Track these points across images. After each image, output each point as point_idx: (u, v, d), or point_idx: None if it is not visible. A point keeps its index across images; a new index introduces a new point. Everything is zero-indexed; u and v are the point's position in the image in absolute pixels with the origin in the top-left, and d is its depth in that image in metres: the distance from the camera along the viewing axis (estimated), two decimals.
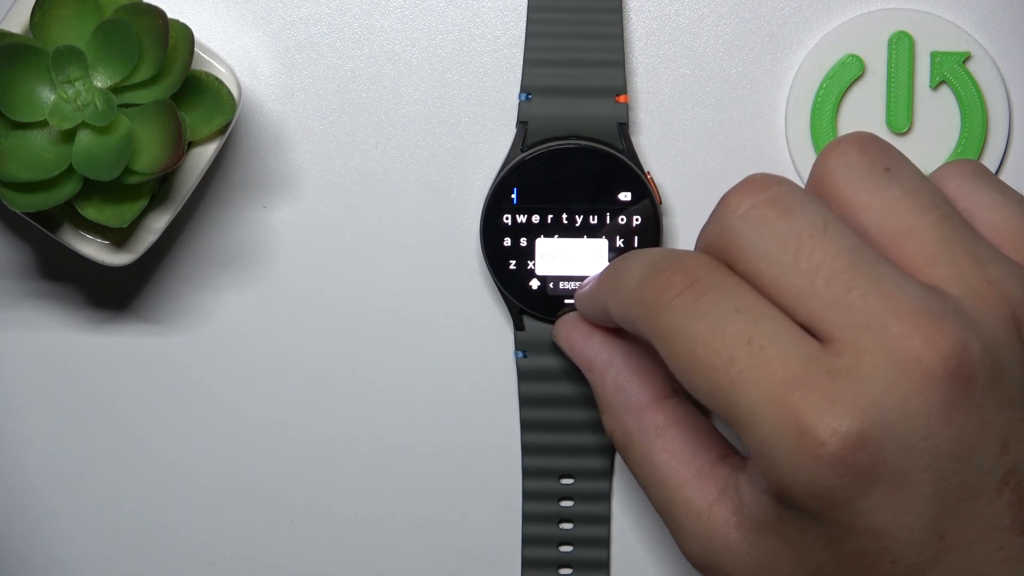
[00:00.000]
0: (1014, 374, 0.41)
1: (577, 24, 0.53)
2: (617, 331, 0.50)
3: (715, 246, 0.44)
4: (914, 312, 0.41)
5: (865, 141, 0.44)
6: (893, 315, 0.41)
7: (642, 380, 0.49)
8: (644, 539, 0.55)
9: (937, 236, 0.42)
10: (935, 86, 0.53)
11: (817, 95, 0.53)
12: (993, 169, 0.54)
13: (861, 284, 0.41)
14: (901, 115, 0.53)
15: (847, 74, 0.53)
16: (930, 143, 0.54)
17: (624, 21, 0.53)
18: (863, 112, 0.54)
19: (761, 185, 0.43)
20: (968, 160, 0.46)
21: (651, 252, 0.45)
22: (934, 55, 0.53)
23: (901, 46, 0.53)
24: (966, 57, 0.53)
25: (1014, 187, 0.54)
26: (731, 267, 0.43)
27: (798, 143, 0.54)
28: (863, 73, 0.53)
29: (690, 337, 0.42)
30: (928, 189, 0.43)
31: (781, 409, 0.41)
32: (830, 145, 0.44)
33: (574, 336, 0.50)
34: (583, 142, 0.52)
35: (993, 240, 0.44)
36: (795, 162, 0.54)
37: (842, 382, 0.41)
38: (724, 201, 0.43)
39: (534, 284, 0.53)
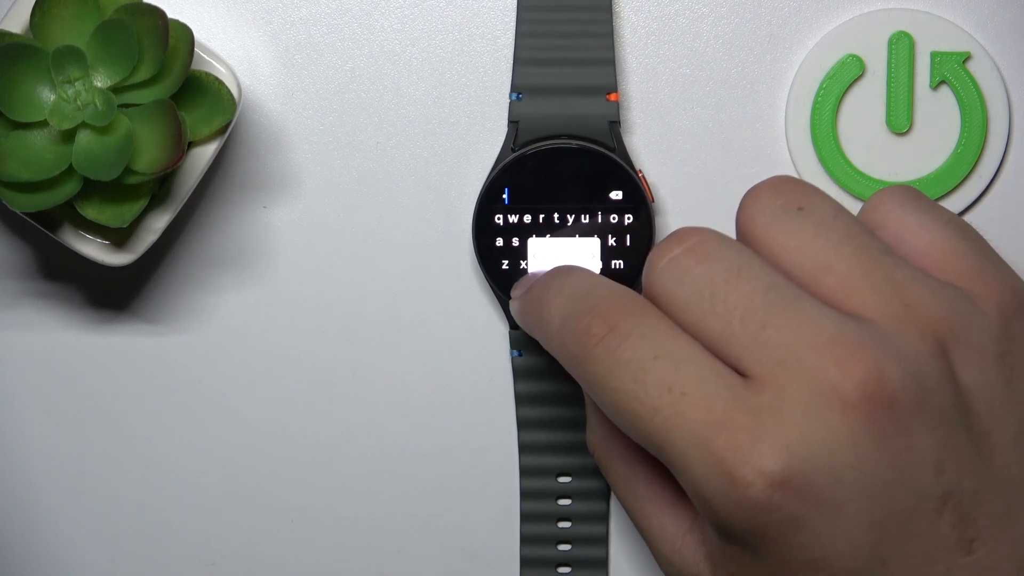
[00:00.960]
0: (942, 394, 0.41)
1: (567, 23, 0.53)
2: None
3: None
4: (828, 343, 0.41)
5: (778, 183, 0.44)
6: (808, 347, 0.41)
7: None
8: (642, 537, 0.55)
9: (854, 267, 0.43)
10: (935, 86, 0.53)
11: (817, 95, 0.53)
12: (993, 170, 0.54)
13: (776, 321, 0.42)
14: (901, 115, 0.53)
15: (847, 74, 0.53)
16: (930, 143, 0.54)
17: (615, 19, 0.53)
18: (863, 112, 0.54)
19: (681, 237, 0.44)
20: (899, 186, 0.46)
21: (570, 283, 0.45)
22: (934, 55, 0.53)
23: (901, 46, 0.53)
24: (966, 57, 0.53)
25: (1014, 187, 0.54)
26: None
27: (798, 143, 0.54)
28: (863, 73, 0.53)
29: (613, 388, 0.43)
30: (844, 222, 0.43)
31: (707, 453, 0.41)
32: (747, 192, 0.45)
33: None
34: (574, 141, 0.52)
35: (921, 263, 0.44)
36: (795, 162, 0.54)
37: (765, 419, 0.41)
38: (648, 259, 0.44)
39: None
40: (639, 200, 0.52)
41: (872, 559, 0.41)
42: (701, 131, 0.54)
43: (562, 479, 0.54)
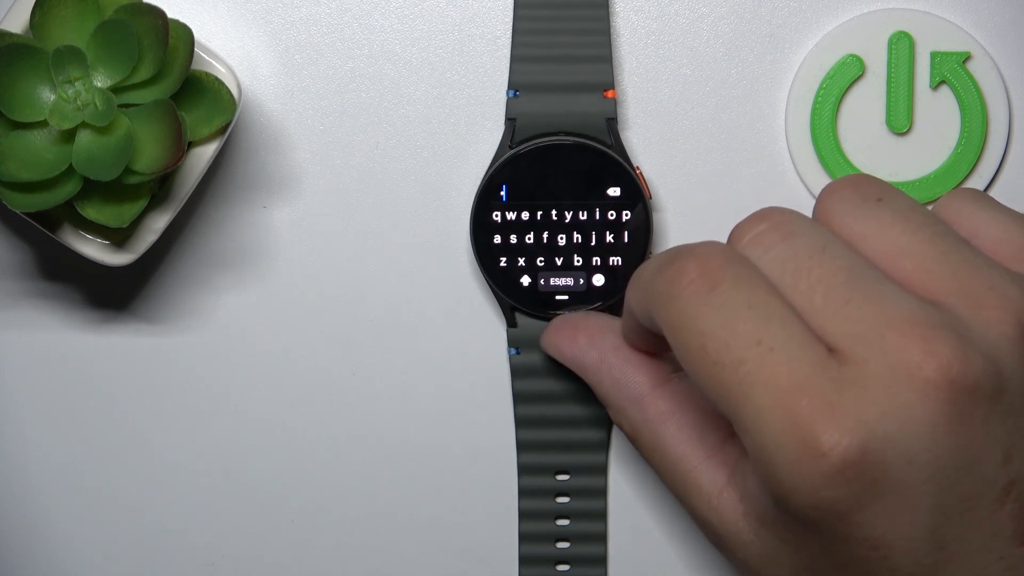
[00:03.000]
0: (1018, 382, 0.41)
1: (564, 20, 0.53)
2: (604, 325, 0.50)
3: None
4: (911, 322, 0.41)
5: (857, 178, 0.45)
6: (891, 326, 0.41)
7: (637, 369, 0.48)
8: (641, 534, 0.55)
9: (933, 252, 0.43)
10: (935, 86, 0.53)
11: (817, 95, 0.53)
12: (993, 169, 0.54)
13: (857, 297, 0.41)
14: (901, 115, 0.53)
15: (847, 74, 0.53)
16: (930, 143, 0.54)
17: (611, 16, 0.53)
18: (863, 112, 0.54)
19: (765, 215, 0.44)
20: (967, 188, 0.46)
21: (672, 248, 0.45)
22: (934, 55, 0.53)
23: (901, 46, 0.53)
24: (966, 57, 0.53)
25: (1014, 187, 0.54)
26: None
27: (798, 143, 0.54)
28: (863, 73, 0.53)
29: (700, 331, 0.42)
30: (920, 211, 0.44)
31: (786, 416, 0.40)
32: (826, 187, 0.45)
33: (560, 342, 0.50)
34: (571, 138, 0.52)
35: (995, 255, 0.44)
36: (795, 162, 0.54)
37: (846, 391, 0.40)
38: (731, 235, 0.44)
39: (525, 281, 0.53)
40: (637, 196, 0.52)
41: (930, 543, 0.41)
42: (701, 131, 0.54)
43: (560, 477, 0.54)
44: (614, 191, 0.52)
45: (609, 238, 0.52)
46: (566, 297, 0.52)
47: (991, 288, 0.42)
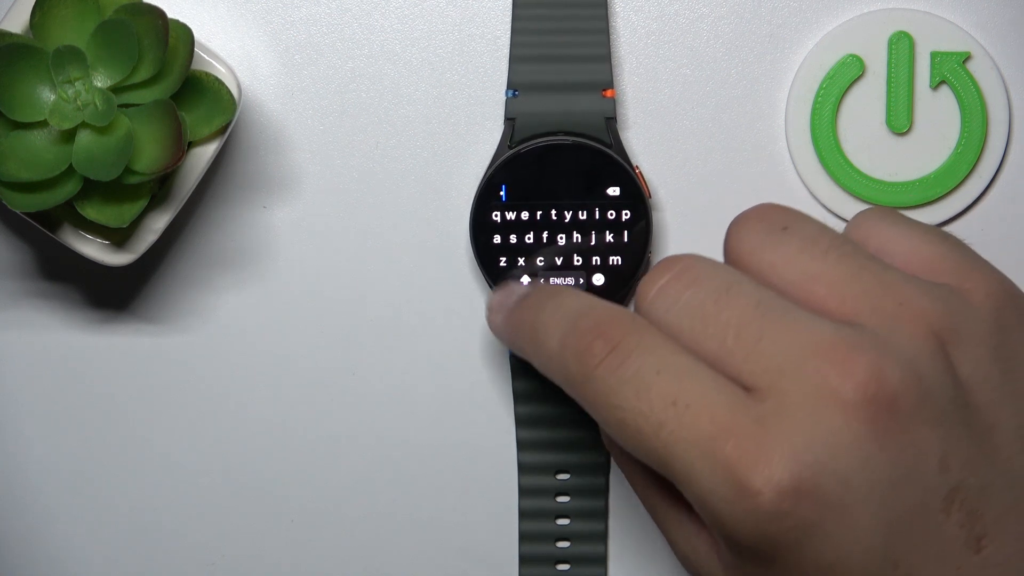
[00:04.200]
0: (943, 390, 0.41)
1: (562, 20, 0.53)
2: None
3: None
4: (825, 347, 0.41)
5: (761, 209, 0.45)
6: (805, 354, 0.41)
7: None
8: (642, 533, 0.55)
9: (842, 273, 0.43)
10: (935, 86, 0.53)
11: (817, 95, 0.53)
12: (993, 169, 0.54)
13: (769, 331, 0.42)
14: (901, 115, 0.53)
15: (847, 74, 0.53)
16: (930, 143, 0.54)
17: (609, 15, 0.53)
18: (863, 112, 0.54)
19: (668, 265, 0.44)
20: (875, 207, 0.47)
21: (566, 304, 0.45)
22: (934, 55, 0.53)
23: (901, 46, 0.53)
24: (966, 57, 0.53)
25: (1014, 187, 0.54)
26: None
27: (798, 143, 0.54)
28: (863, 73, 0.53)
29: (617, 406, 0.42)
30: (828, 234, 0.44)
31: (714, 463, 0.41)
32: (733, 221, 0.45)
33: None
34: (571, 137, 0.52)
35: (907, 268, 0.44)
36: (795, 162, 0.54)
37: (770, 427, 0.41)
38: (638, 290, 0.44)
39: (525, 281, 0.53)
40: (636, 196, 0.52)
41: (883, 561, 0.41)
42: (701, 131, 0.54)
43: (560, 476, 0.54)
44: (613, 191, 0.52)
45: (609, 238, 0.52)
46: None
47: (903, 303, 0.42)
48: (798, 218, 0.44)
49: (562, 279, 0.52)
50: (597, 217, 0.52)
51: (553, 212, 0.52)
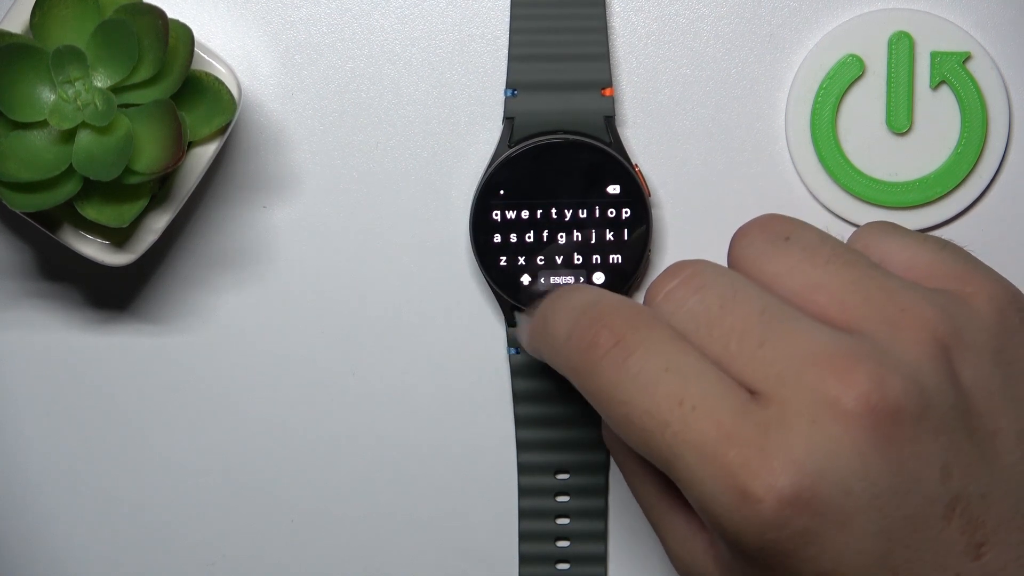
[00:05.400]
0: (944, 398, 0.41)
1: (561, 19, 0.53)
2: None
3: None
4: (826, 356, 0.41)
5: (764, 220, 0.45)
6: (806, 362, 0.41)
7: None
8: (641, 532, 0.55)
9: (844, 282, 0.43)
10: (935, 86, 0.53)
11: (817, 95, 0.53)
12: (993, 169, 0.54)
13: (772, 338, 0.42)
14: (901, 115, 0.53)
15: (847, 74, 0.53)
16: (930, 143, 0.54)
17: (608, 14, 0.53)
18: (863, 112, 0.54)
19: (676, 271, 0.44)
20: (875, 221, 0.46)
21: (576, 297, 0.45)
22: (934, 55, 0.53)
23: (901, 46, 0.53)
24: (966, 57, 0.53)
25: (1014, 187, 0.54)
26: None
27: (798, 143, 0.54)
28: (863, 73, 0.53)
29: (621, 401, 0.42)
30: (830, 243, 0.44)
31: (717, 468, 0.41)
32: (736, 231, 0.45)
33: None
34: (570, 136, 0.52)
35: (909, 277, 0.44)
36: (795, 162, 0.54)
37: (772, 434, 0.41)
38: (646, 295, 0.44)
39: (525, 280, 0.53)
40: (636, 194, 0.52)
41: (880, 569, 0.41)
42: (701, 131, 0.54)
43: (560, 476, 0.54)
44: (613, 189, 0.52)
45: (609, 236, 0.52)
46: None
47: (904, 310, 0.42)
48: (800, 228, 0.45)
49: (562, 278, 0.52)
50: (597, 215, 0.52)
51: (553, 211, 0.52)
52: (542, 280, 0.52)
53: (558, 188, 0.52)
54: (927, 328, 0.42)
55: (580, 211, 0.52)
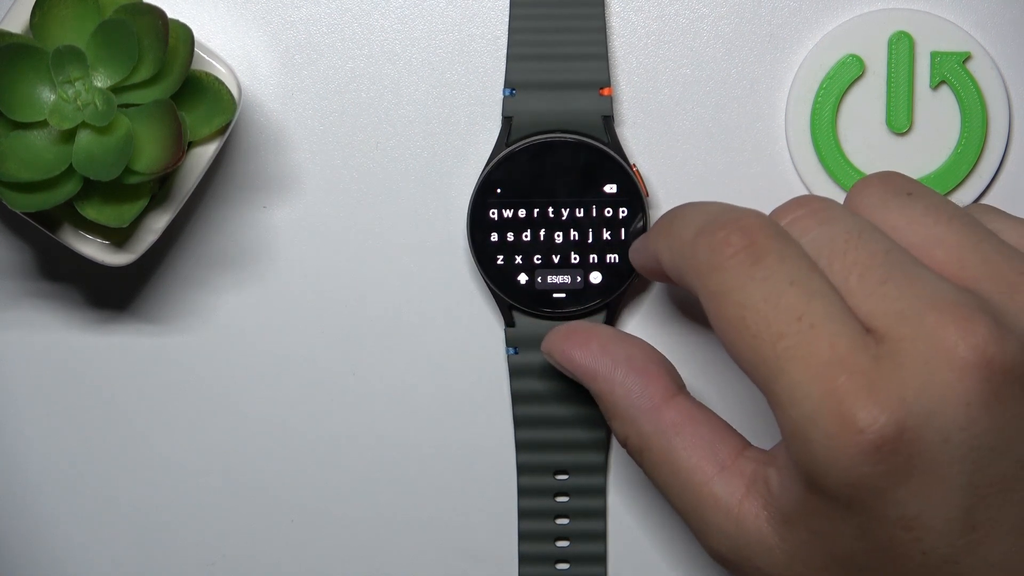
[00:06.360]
0: None
1: (559, 18, 0.53)
2: (614, 335, 0.50)
3: None
4: (949, 303, 0.41)
5: (886, 175, 0.46)
6: (928, 306, 0.41)
7: (648, 381, 0.48)
8: (641, 532, 0.55)
9: (964, 240, 0.43)
10: (935, 86, 0.53)
11: (817, 95, 0.53)
12: (993, 169, 0.54)
13: (894, 277, 0.42)
14: (901, 115, 0.53)
15: (847, 74, 0.53)
16: (930, 143, 0.54)
17: (607, 14, 0.53)
18: (863, 112, 0.54)
19: (802, 201, 0.44)
20: (980, 204, 0.47)
21: (710, 204, 0.45)
22: (934, 55, 0.53)
23: (901, 46, 0.53)
24: (966, 57, 0.53)
25: (1014, 187, 0.54)
26: None
27: (798, 143, 0.54)
28: (863, 73, 0.53)
29: (741, 303, 0.42)
30: (950, 205, 0.44)
31: (824, 391, 0.41)
32: (856, 183, 0.45)
33: (571, 348, 0.50)
34: (567, 136, 0.52)
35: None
36: (795, 162, 0.54)
37: (884, 369, 0.41)
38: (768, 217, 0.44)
39: (522, 279, 0.53)
40: (633, 193, 0.52)
41: (963, 523, 0.41)
42: (701, 131, 0.54)
43: (559, 476, 0.54)
44: (611, 188, 0.52)
45: (606, 235, 0.52)
46: (563, 295, 0.52)
47: (1022, 273, 0.42)
48: (922, 187, 0.45)
49: (559, 277, 0.52)
50: (594, 215, 0.52)
51: (550, 210, 0.52)
52: (539, 279, 0.52)
53: (555, 187, 0.52)
54: None
55: (577, 210, 0.52)
